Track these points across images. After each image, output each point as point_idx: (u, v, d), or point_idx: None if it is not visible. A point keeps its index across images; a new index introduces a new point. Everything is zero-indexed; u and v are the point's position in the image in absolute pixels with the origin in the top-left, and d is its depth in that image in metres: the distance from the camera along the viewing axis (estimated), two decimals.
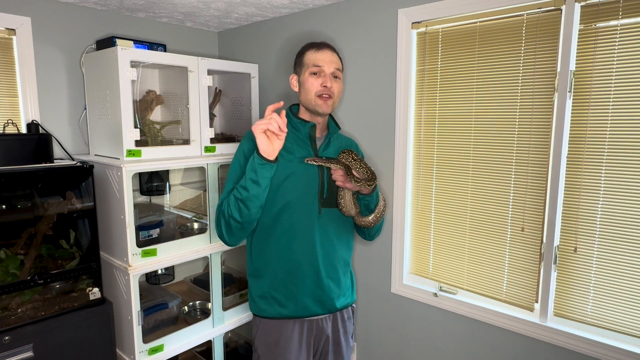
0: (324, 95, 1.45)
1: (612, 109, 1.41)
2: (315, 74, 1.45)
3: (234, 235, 1.45)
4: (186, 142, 2.01)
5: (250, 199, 1.35)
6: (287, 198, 1.44)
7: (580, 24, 1.45)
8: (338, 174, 1.41)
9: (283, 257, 1.48)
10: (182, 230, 2.23)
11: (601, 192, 1.46)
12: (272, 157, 1.33)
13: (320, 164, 1.42)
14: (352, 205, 1.47)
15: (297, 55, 1.53)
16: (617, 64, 1.39)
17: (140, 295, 1.81)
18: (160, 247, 1.85)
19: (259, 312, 1.54)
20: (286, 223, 1.46)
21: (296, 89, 1.52)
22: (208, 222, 2.02)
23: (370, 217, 1.49)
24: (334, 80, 1.46)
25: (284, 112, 1.34)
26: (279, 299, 1.49)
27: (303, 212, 1.46)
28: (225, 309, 2.11)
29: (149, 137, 2.02)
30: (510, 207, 1.66)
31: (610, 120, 1.42)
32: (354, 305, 1.66)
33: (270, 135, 1.32)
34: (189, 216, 2.33)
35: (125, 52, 1.73)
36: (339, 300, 1.55)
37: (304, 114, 1.52)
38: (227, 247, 2.04)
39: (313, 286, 1.49)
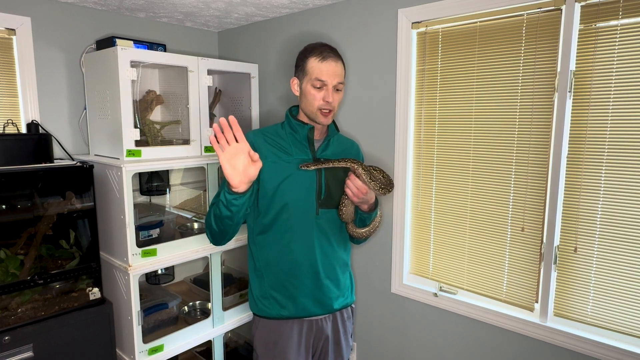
0: (324, 110, 1.43)
1: (612, 109, 1.41)
2: (318, 87, 1.42)
3: (218, 240, 1.47)
4: (186, 142, 2.01)
5: (223, 219, 1.35)
6: (285, 200, 1.44)
7: (580, 24, 1.45)
8: (356, 183, 1.37)
9: (283, 258, 1.48)
10: (182, 230, 2.22)
11: (601, 192, 1.46)
12: (239, 188, 1.26)
13: (314, 168, 1.41)
14: (352, 214, 1.49)
15: (299, 57, 1.46)
16: (617, 64, 1.39)
17: (140, 295, 1.81)
18: (160, 247, 1.85)
19: (259, 312, 1.54)
20: (285, 224, 1.46)
21: (297, 93, 1.48)
22: None
23: (364, 230, 1.51)
24: (335, 93, 1.43)
25: (232, 118, 1.22)
26: (279, 299, 1.50)
27: (301, 213, 1.46)
28: (225, 309, 2.11)
29: (149, 137, 2.02)
30: (510, 207, 1.66)
31: (610, 120, 1.42)
32: (353, 305, 1.66)
33: (236, 158, 1.23)
34: (189, 216, 2.32)
35: (125, 52, 1.73)
36: (337, 300, 1.55)
37: (303, 117, 1.50)
38: (227, 247, 2.04)
39: (312, 287, 1.49)
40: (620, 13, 1.37)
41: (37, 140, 1.79)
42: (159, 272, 2.39)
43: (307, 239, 1.47)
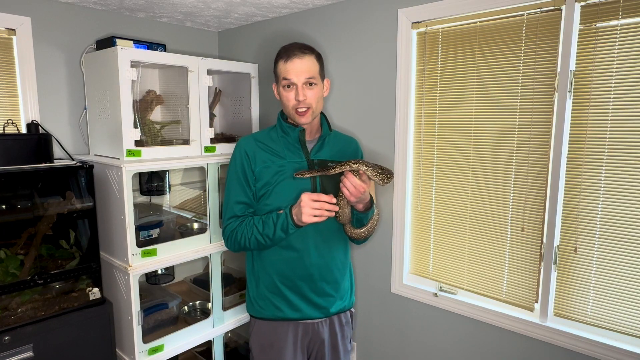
0: (299, 110, 1.42)
1: (612, 109, 1.41)
2: (287, 86, 1.42)
3: (240, 250, 1.52)
4: (186, 142, 2.01)
5: (268, 244, 1.43)
6: (279, 203, 1.44)
7: (580, 24, 1.45)
8: (353, 182, 1.34)
9: (278, 261, 1.48)
10: (182, 230, 2.23)
11: (601, 192, 1.46)
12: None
13: (308, 176, 1.39)
14: (349, 216, 1.47)
15: (273, 63, 1.49)
16: (617, 64, 1.39)
17: (140, 295, 1.81)
18: (160, 247, 1.85)
19: (255, 313, 1.54)
20: None
21: (279, 99, 1.50)
22: (208, 222, 2.02)
23: (362, 230, 1.49)
24: (308, 89, 1.41)
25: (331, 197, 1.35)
26: (274, 301, 1.49)
27: None
28: (225, 309, 2.11)
29: (148, 137, 2.02)
30: (510, 207, 1.66)
31: (610, 120, 1.42)
32: (352, 309, 1.64)
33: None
34: (189, 216, 2.32)
35: (125, 52, 1.73)
36: (335, 304, 1.54)
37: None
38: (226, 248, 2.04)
39: (308, 290, 1.48)
40: (620, 13, 1.37)
41: (37, 140, 1.79)
42: (159, 272, 2.39)
43: (302, 241, 1.47)
